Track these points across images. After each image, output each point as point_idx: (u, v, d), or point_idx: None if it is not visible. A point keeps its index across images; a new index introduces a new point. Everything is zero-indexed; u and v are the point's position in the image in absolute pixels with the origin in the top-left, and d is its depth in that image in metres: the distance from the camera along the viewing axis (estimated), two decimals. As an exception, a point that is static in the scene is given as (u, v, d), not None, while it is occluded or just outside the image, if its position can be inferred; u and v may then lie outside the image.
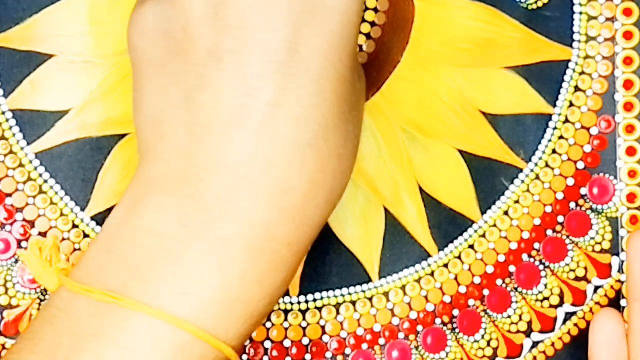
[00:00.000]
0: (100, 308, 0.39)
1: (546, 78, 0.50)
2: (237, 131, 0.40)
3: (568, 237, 0.51)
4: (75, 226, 0.50)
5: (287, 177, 0.40)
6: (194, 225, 0.40)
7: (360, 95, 0.44)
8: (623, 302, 0.50)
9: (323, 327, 0.50)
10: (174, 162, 0.41)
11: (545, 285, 0.51)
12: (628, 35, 0.51)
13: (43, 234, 0.50)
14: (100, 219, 0.50)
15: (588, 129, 0.51)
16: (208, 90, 0.41)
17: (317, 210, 0.41)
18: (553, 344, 0.50)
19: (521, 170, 0.51)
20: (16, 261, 0.50)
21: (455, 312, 0.50)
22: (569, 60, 0.51)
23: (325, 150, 0.41)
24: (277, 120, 0.40)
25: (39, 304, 0.50)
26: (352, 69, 0.42)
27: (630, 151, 0.51)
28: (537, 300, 0.51)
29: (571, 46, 0.51)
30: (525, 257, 0.51)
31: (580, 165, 0.51)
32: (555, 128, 0.51)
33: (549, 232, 0.51)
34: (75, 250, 0.50)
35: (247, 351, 0.50)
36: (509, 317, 0.50)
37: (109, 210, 0.43)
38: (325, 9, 0.41)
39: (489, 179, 0.50)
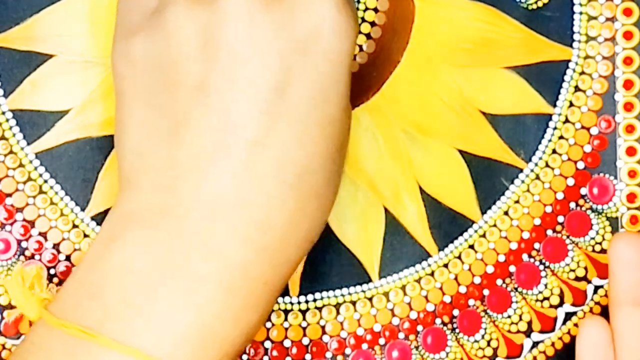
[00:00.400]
0: (74, 344, 0.39)
1: (546, 78, 0.50)
2: (218, 169, 0.40)
3: (568, 237, 0.51)
4: (75, 226, 0.50)
5: (265, 218, 0.40)
6: (169, 262, 0.40)
7: (347, 132, 0.44)
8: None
9: (323, 327, 0.50)
10: (152, 197, 0.41)
11: (545, 285, 0.51)
12: (628, 35, 0.51)
13: (43, 234, 0.50)
14: (100, 219, 0.50)
15: (588, 129, 0.51)
16: (192, 126, 0.40)
17: (294, 249, 0.41)
18: (553, 344, 0.50)
19: (521, 170, 0.51)
20: (16, 261, 0.50)
21: (455, 312, 0.50)
22: (569, 60, 0.51)
23: (306, 191, 0.41)
24: (259, 160, 0.40)
25: (39, 304, 0.50)
26: (342, 108, 0.42)
27: (630, 151, 0.51)
28: (537, 300, 0.51)
29: (571, 46, 0.51)
30: (525, 257, 0.51)
31: (580, 165, 0.51)
32: (555, 128, 0.51)
33: (549, 232, 0.51)
34: (75, 250, 0.50)
35: (247, 351, 0.50)
36: (509, 317, 0.50)
37: (109, 210, 0.43)
38: (317, 48, 0.41)
39: (489, 179, 0.50)
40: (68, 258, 0.50)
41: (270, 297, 0.41)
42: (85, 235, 0.50)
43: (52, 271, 0.49)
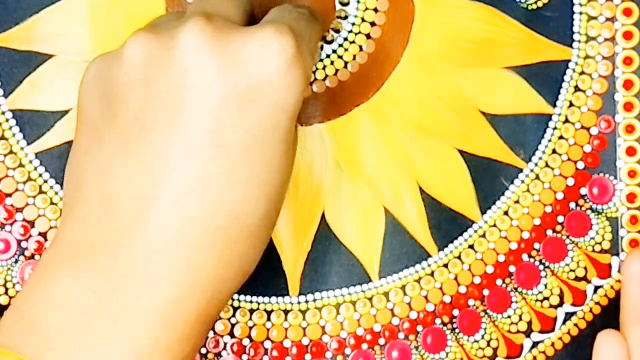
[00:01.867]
0: None
1: (546, 78, 0.50)
2: (149, 208, 0.40)
3: (568, 237, 0.51)
4: (75, 226, 0.50)
5: (196, 257, 0.40)
6: (104, 297, 0.40)
7: (287, 174, 0.44)
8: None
9: (323, 327, 0.50)
10: (87, 231, 0.41)
11: (545, 285, 0.51)
12: (628, 35, 0.51)
13: (43, 234, 0.50)
14: (100, 219, 0.50)
15: (588, 129, 0.51)
16: (127, 161, 0.41)
17: (226, 284, 0.42)
18: (553, 344, 0.50)
19: (521, 170, 0.51)
20: (16, 261, 0.50)
21: (455, 312, 0.50)
22: (569, 60, 0.51)
23: (238, 232, 0.41)
24: (190, 201, 0.40)
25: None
26: (280, 155, 0.42)
27: (630, 151, 0.51)
28: (537, 300, 0.51)
29: (571, 46, 0.51)
30: (525, 257, 0.51)
31: (580, 165, 0.51)
32: (555, 128, 0.51)
33: (549, 232, 0.51)
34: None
35: (247, 351, 0.50)
36: (509, 317, 0.50)
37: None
38: (260, 99, 0.41)
39: (489, 179, 0.50)
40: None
41: (203, 329, 0.42)
42: (85, 235, 0.50)
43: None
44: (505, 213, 0.51)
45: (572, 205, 0.51)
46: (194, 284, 0.40)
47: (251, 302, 0.50)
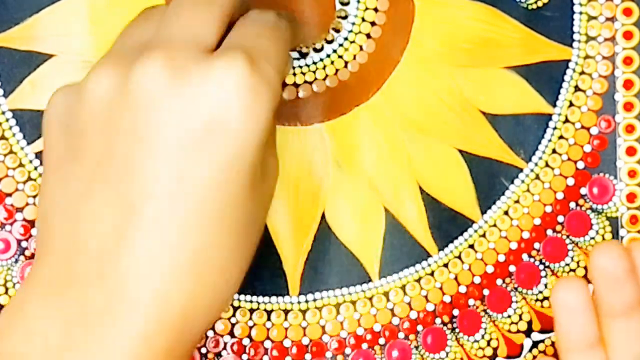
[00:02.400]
0: None
1: (546, 78, 0.50)
2: (115, 248, 0.40)
3: (568, 236, 0.51)
4: (75, 226, 0.50)
5: (163, 295, 0.40)
6: (74, 331, 0.40)
7: (265, 196, 0.44)
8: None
9: (323, 327, 0.50)
10: (58, 268, 0.41)
11: (545, 285, 0.51)
12: (628, 35, 0.51)
13: (43, 234, 0.50)
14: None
15: (588, 129, 0.51)
16: (91, 202, 0.41)
17: (196, 320, 0.41)
18: (553, 344, 0.50)
19: (521, 170, 0.51)
20: (16, 261, 0.50)
21: (455, 312, 0.50)
22: (569, 60, 0.51)
23: (206, 268, 0.41)
24: (155, 241, 0.40)
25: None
26: (247, 187, 0.41)
27: (630, 151, 0.51)
28: (537, 300, 0.51)
29: (571, 46, 0.51)
30: (525, 256, 0.51)
31: (580, 165, 0.51)
32: (555, 128, 0.51)
33: (549, 232, 0.51)
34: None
35: (247, 351, 0.50)
36: (509, 316, 0.50)
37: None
38: (221, 131, 0.40)
39: (489, 178, 0.50)
40: None
41: None
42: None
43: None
44: (506, 213, 0.51)
45: (572, 205, 0.51)
46: (163, 319, 0.40)
47: (251, 301, 0.50)
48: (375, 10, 0.51)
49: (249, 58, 0.41)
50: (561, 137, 0.51)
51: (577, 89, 0.51)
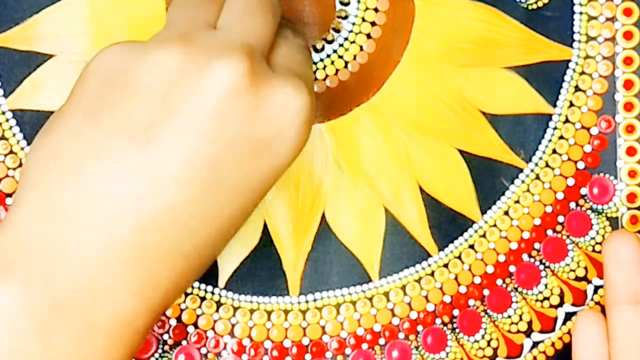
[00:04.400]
0: None
1: (546, 78, 0.50)
2: (119, 222, 0.40)
3: (568, 237, 0.51)
4: (75, 226, 0.50)
5: (155, 276, 0.41)
6: (58, 309, 0.40)
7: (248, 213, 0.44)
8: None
9: (323, 327, 0.50)
10: (28, 235, 0.40)
11: (545, 285, 0.51)
12: (628, 35, 0.51)
13: (43, 234, 0.50)
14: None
15: (588, 129, 0.51)
16: (123, 164, 0.40)
17: (168, 304, 0.42)
18: (553, 344, 0.50)
19: (521, 170, 0.51)
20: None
21: (455, 312, 0.50)
22: (569, 60, 0.51)
23: (196, 261, 0.42)
24: (163, 224, 0.40)
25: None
26: (259, 195, 0.43)
27: (630, 151, 0.51)
28: (537, 300, 0.51)
29: (571, 46, 0.51)
30: (525, 257, 0.51)
31: (581, 165, 0.51)
32: (555, 128, 0.51)
33: (549, 232, 0.51)
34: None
35: (248, 351, 0.50)
36: (509, 317, 0.50)
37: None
38: (272, 144, 0.42)
39: (489, 179, 0.50)
40: None
41: (141, 344, 0.42)
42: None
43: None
44: (506, 213, 0.51)
45: (572, 205, 0.51)
46: (146, 303, 0.41)
47: (251, 302, 0.50)
48: (376, 10, 0.50)
49: (305, 89, 0.43)
50: (561, 137, 0.51)
51: (577, 89, 0.51)
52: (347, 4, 0.50)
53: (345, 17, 0.50)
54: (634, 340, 0.45)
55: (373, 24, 0.50)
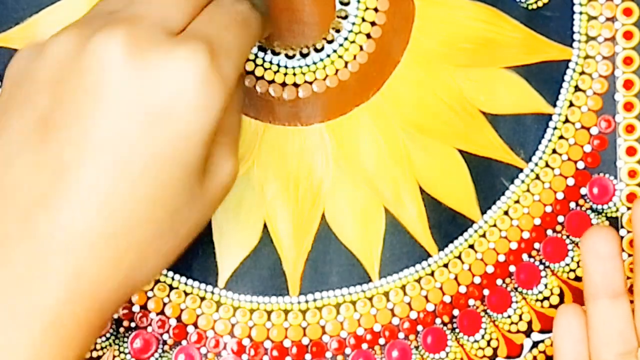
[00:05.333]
0: None
1: (546, 78, 0.50)
2: (40, 212, 0.40)
3: (568, 237, 0.51)
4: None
5: (82, 263, 0.40)
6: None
7: (204, 199, 0.43)
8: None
9: (323, 327, 0.50)
10: None
11: (545, 285, 0.51)
12: (628, 35, 0.51)
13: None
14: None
15: (588, 129, 0.51)
16: (25, 158, 0.41)
17: (112, 296, 0.42)
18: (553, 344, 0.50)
19: (521, 170, 0.51)
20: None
21: (455, 312, 0.50)
22: (569, 60, 0.51)
23: (125, 244, 0.41)
24: (78, 211, 0.40)
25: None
26: (188, 172, 0.41)
27: (630, 151, 0.51)
28: (537, 300, 0.51)
29: (571, 46, 0.51)
30: (525, 257, 0.51)
31: (580, 165, 0.51)
32: (555, 128, 0.51)
33: (549, 232, 0.51)
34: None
35: (247, 351, 0.50)
36: (509, 317, 0.50)
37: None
38: (171, 112, 0.40)
39: (489, 178, 0.50)
40: None
41: (88, 339, 0.42)
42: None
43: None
44: (506, 213, 0.51)
45: (572, 205, 0.51)
46: (79, 289, 0.40)
47: (251, 302, 0.50)
48: (376, 10, 0.51)
49: (211, 52, 0.41)
50: (561, 137, 0.51)
51: (577, 89, 0.51)
52: (347, 4, 0.50)
53: (345, 17, 0.50)
54: (613, 334, 0.46)
55: (373, 24, 0.50)
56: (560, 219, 0.51)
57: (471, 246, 0.51)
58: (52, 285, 0.40)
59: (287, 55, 0.50)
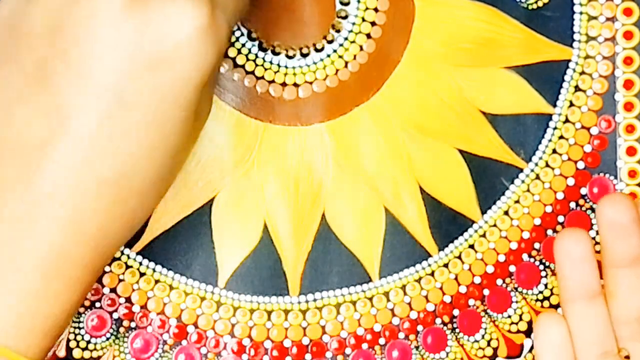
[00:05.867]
0: None
1: (546, 78, 0.50)
2: (43, 154, 0.40)
3: (568, 237, 0.51)
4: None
5: (82, 206, 0.41)
6: None
7: (191, 137, 0.44)
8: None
9: (323, 327, 0.50)
10: None
11: (545, 285, 0.51)
12: (628, 35, 0.51)
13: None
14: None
15: (588, 129, 0.51)
16: (24, 107, 0.41)
17: (113, 237, 0.42)
18: (553, 344, 0.50)
19: (521, 170, 0.51)
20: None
21: (456, 312, 0.50)
22: (569, 60, 0.51)
23: (126, 188, 0.42)
24: (82, 152, 0.40)
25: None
26: (184, 116, 0.42)
27: (631, 151, 0.51)
28: (537, 300, 0.51)
29: (571, 46, 0.51)
30: (525, 257, 0.51)
31: (581, 165, 0.51)
32: (555, 128, 0.51)
33: (549, 232, 0.51)
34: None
35: (248, 351, 0.50)
36: (509, 317, 0.50)
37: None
38: (170, 57, 0.41)
39: (489, 178, 0.50)
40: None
41: (89, 278, 0.42)
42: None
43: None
44: (506, 213, 0.51)
45: (572, 205, 0.51)
46: (79, 232, 0.41)
47: (251, 302, 0.50)
48: (376, 10, 0.51)
49: (209, 3, 0.41)
50: (561, 137, 0.51)
51: (577, 89, 0.51)
52: (347, 4, 0.50)
53: (345, 17, 0.50)
54: (593, 335, 0.46)
55: (373, 24, 0.50)
56: (561, 219, 0.51)
57: (471, 246, 0.51)
58: (52, 228, 0.41)
59: (287, 55, 0.50)
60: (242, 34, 0.50)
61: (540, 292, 0.51)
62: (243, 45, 0.50)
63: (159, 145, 0.42)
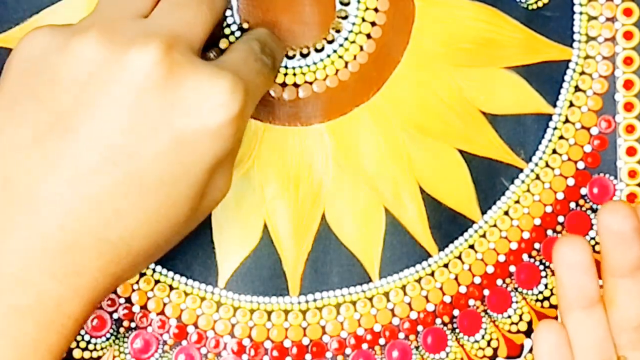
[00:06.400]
0: None
1: (546, 78, 0.50)
2: (43, 211, 0.41)
3: (568, 237, 0.51)
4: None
5: (80, 262, 0.41)
6: None
7: (197, 212, 0.44)
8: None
9: (323, 327, 0.50)
10: None
11: (545, 285, 0.51)
12: (628, 35, 0.51)
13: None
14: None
15: (588, 129, 0.51)
16: (34, 151, 0.41)
17: (102, 292, 0.42)
18: (553, 344, 0.50)
19: (521, 170, 0.51)
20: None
21: (456, 312, 0.50)
22: (569, 60, 0.51)
23: (124, 250, 0.42)
24: (83, 211, 0.41)
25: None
26: (192, 193, 0.42)
27: (630, 151, 0.51)
28: (537, 300, 0.51)
29: (571, 46, 0.51)
30: (525, 257, 0.51)
31: (581, 165, 0.51)
32: (555, 128, 0.51)
33: (549, 232, 0.51)
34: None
35: (248, 351, 0.50)
36: (509, 317, 0.50)
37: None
38: (193, 137, 0.41)
39: (489, 179, 0.50)
40: None
41: (77, 329, 0.42)
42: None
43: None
44: (506, 213, 0.51)
45: (572, 205, 0.51)
46: (75, 286, 0.41)
47: (251, 302, 0.50)
48: (376, 10, 0.51)
49: (245, 91, 0.43)
50: (561, 137, 0.51)
51: (577, 89, 0.51)
52: (347, 4, 0.50)
53: (345, 17, 0.50)
54: (592, 342, 0.45)
55: (373, 24, 0.50)
56: (561, 219, 0.51)
57: (471, 246, 0.51)
58: (45, 280, 0.41)
59: (287, 56, 0.50)
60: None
61: (540, 292, 0.51)
62: (243, 45, 0.50)
63: (162, 215, 0.42)
